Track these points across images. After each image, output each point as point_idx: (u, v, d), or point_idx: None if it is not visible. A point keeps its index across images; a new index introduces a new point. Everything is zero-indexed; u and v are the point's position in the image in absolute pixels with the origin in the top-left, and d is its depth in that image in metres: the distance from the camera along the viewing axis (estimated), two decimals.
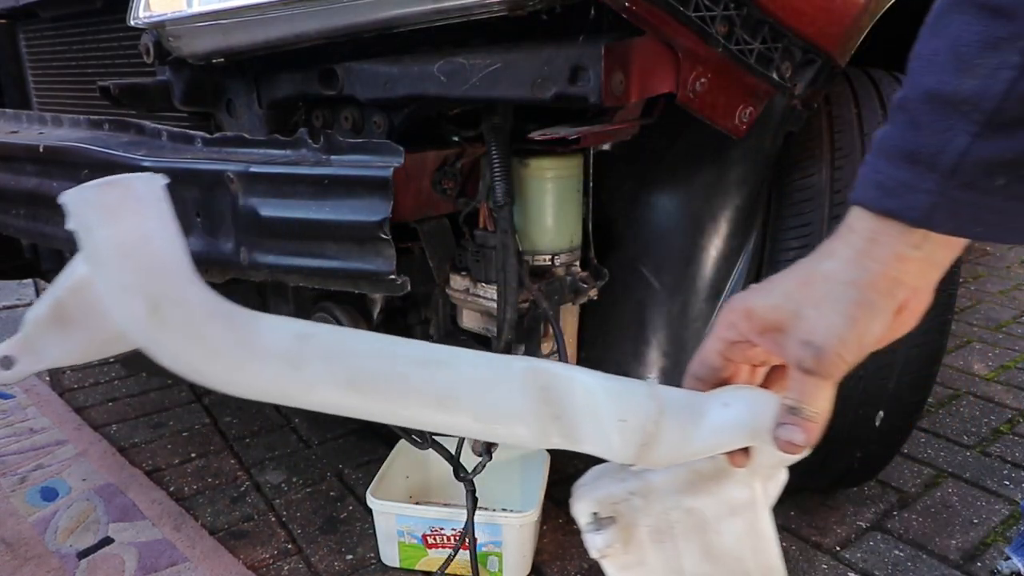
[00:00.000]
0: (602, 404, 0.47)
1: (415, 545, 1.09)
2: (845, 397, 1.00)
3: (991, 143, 0.39)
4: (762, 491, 0.53)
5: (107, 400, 1.70)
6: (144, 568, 1.10)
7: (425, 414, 0.46)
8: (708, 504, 0.53)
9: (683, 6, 0.73)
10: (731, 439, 0.49)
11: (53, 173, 1.01)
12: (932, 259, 0.44)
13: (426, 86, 0.84)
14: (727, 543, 0.53)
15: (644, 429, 0.47)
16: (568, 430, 0.47)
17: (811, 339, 0.44)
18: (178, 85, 1.05)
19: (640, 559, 0.53)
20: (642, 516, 0.53)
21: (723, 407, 0.49)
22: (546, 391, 0.47)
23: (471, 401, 0.47)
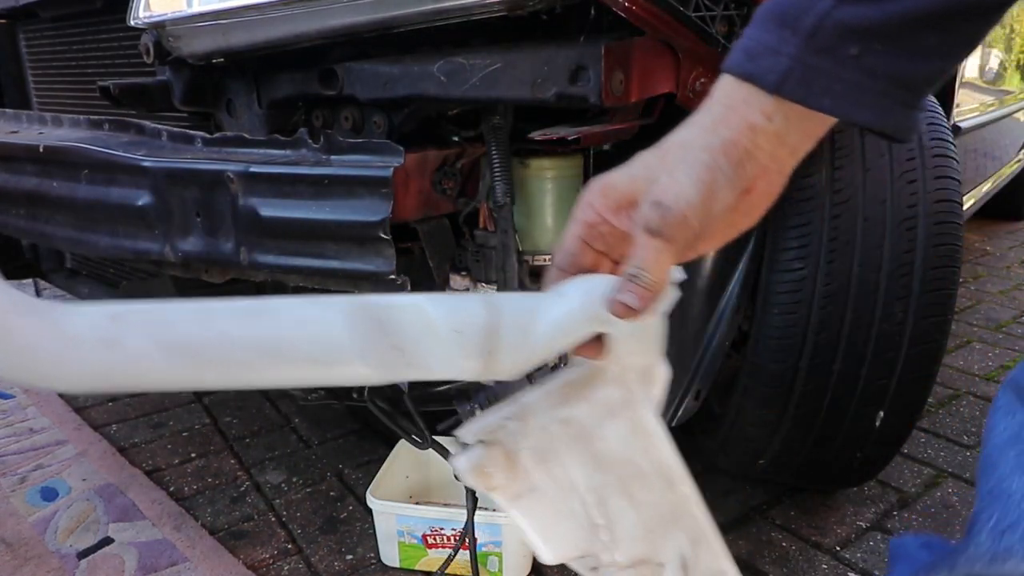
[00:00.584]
0: (437, 322, 0.46)
1: (415, 545, 1.09)
2: (845, 397, 1.00)
3: (851, 8, 0.40)
4: (639, 389, 0.51)
5: (107, 400, 1.70)
6: (144, 568, 1.10)
7: (255, 369, 0.44)
8: (583, 410, 0.50)
9: (683, 6, 0.73)
10: (573, 327, 0.47)
11: (53, 173, 1.01)
12: (784, 138, 0.44)
13: (426, 86, 0.84)
14: (613, 447, 0.51)
15: (482, 336, 0.45)
16: (411, 357, 0.46)
17: (660, 199, 0.44)
18: (178, 85, 1.05)
19: (530, 486, 0.50)
20: (521, 439, 0.50)
21: (559, 298, 0.48)
22: (380, 323, 0.45)
23: (300, 348, 0.44)
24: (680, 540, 0.52)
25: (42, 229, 1.04)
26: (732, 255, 1.00)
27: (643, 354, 0.51)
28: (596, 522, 0.51)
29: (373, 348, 0.45)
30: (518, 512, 0.50)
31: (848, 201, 0.92)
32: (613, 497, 0.51)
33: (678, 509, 0.52)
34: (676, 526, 0.52)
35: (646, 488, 0.52)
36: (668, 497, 0.52)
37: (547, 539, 0.51)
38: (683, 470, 0.53)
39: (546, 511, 0.50)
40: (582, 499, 0.50)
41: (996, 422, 0.59)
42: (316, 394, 1.21)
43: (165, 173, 0.88)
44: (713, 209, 0.44)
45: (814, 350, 0.97)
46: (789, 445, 1.07)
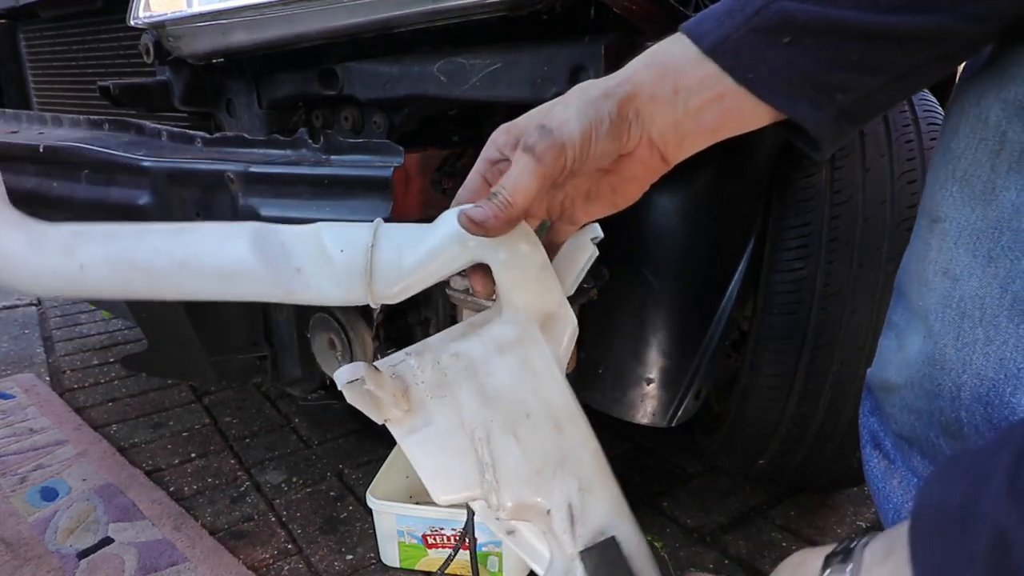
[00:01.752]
0: (327, 243, 0.50)
1: (415, 545, 1.09)
2: (844, 397, 1.00)
3: (798, 3, 0.43)
4: (534, 331, 0.52)
5: (107, 400, 1.69)
6: (144, 568, 1.10)
7: (174, 280, 0.50)
8: (474, 345, 0.52)
9: (683, 6, 0.73)
10: (445, 252, 0.50)
11: (53, 173, 1.01)
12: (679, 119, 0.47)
13: (426, 86, 0.84)
14: (502, 383, 0.51)
15: (362, 255, 0.49)
16: (308, 279, 0.50)
17: (544, 123, 0.46)
18: (178, 85, 1.05)
19: (425, 420, 0.51)
20: (418, 373, 0.52)
21: (436, 225, 0.50)
22: (284, 246, 0.50)
23: (213, 262, 0.50)
24: (569, 486, 0.51)
25: None
26: (732, 255, 1.00)
27: (538, 296, 0.52)
28: (483, 460, 0.50)
29: (276, 268, 0.50)
30: (412, 447, 0.51)
31: (848, 201, 0.92)
32: (499, 435, 0.51)
33: (567, 454, 0.51)
34: (564, 471, 0.51)
35: (533, 428, 0.51)
36: (556, 440, 0.51)
37: (437, 476, 0.51)
38: (578, 414, 0.52)
39: (439, 447, 0.51)
40: (471, 435, 0.51)
41: (868, 455, 0.61)
42: (316, 394, 1.21)
43: (165, 173, 0.88)
44: (589, 151, 0.46)
45: (814, 350, 0.97)
46: (789, 445, 1.07)
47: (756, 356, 1.00)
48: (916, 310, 0.52)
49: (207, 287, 0.50)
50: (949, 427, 0.49)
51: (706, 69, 0.46)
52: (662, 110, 0.47)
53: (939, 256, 0.49)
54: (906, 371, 0.52)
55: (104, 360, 1.93)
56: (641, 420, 1.01)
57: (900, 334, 0.54)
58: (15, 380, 1.77)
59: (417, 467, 0.51)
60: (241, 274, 0.50)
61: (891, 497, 0.57)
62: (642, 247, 1.01)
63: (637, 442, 1.47)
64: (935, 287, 0.49)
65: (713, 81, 0.46)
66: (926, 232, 0.51)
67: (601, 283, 1.01)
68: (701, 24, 0.46)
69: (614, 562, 0.49)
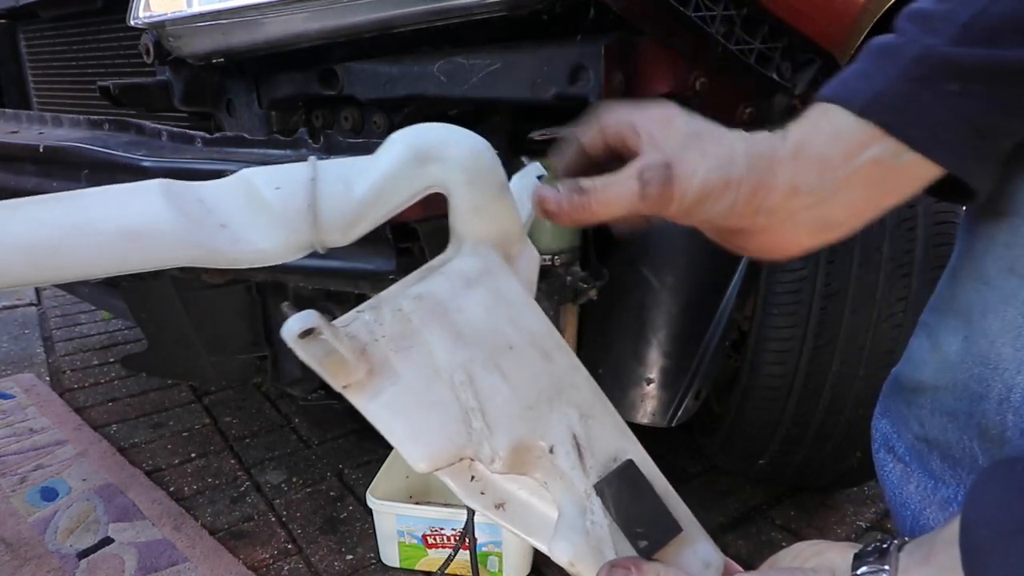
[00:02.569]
0: (258, 186, 0.42)
1: (415, 545, 1.09)
2: (844, 397, 1.00)
3: (956, 48, 0.39)
4: (499, 260, 0.47)
5: (107, 400, 1.69)
6: (144, 568, 1.10)
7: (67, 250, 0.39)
8: (438, 283, 0.46)
9: (683, 6, 0.73)
10: (398, 174, 0.44)
11: (53, 173, 1.01)
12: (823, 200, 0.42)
13: (426, 86, 0.84)
14: (474, 318, 0.45)
15: (303, 190, 0.42)
16: (237, 232, 0.42)
17: (674, 165, 0.42)
18: (178, 85, 1.05)
19: (392, 378, 0.44)
20: (376, 328, 0.44)
21: (384, 150, 0.44)
22: (202, 201, 0.42)
23: (116, 223, 0.40)
24: (568, 415, 0.45)
25: None
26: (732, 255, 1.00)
27: (499, 222, 0.47)
28: (468, 405, 0.44)
29: (196, 225, 0.41)
30: (380, 412, 0.44)
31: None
32: (482, 373, 0.44)
33: (560, 382, 0.46)
34: (560, 400, 0.45)
35: (519, 361, 0.45)
36: (547, 368, 0.46)
37: (417, 439, 0.43)
38: (561, 342, 0.47)
39: (412, 405, 0.44)
40: (450, 381, 0.44)
41: (882, 460, 0.59)
42: (316, 394, 1.21)
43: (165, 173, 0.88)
44: (699, 212, 0.43)
45: (814, 350, 0.97)
46: (789, 445, 1.07)
47: (756, 356, 1.00)
48: (957, 309, 0.49)
49: (111, 254, 0.40)
50: (989, 431, 0.47)
51: (859, 134, 0.41)
52: (804, 203, 0.42)
53: (1007, 252, 0.45)
54: (947, 372, 0.49)
55: (104, 360, 1.93)
56: (641, 420, 1.01)
57: (932, 333, 0.51)
58: (15, 380, 1.77)
59: (388, 434, 0.44)
60: (153, 234, 0.40)
61: (909, 503, 0.55)
62: (642, 247, 1.01)
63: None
64: (997, 284, 0.46)
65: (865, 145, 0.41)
66: (990, 226, 0.47)
67: (601, 283, 1.01)
68: (846, 85, 0.42)
69: (636, 484, 0.44)
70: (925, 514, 0.54)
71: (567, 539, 0.44)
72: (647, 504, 0.44)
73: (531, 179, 0.52)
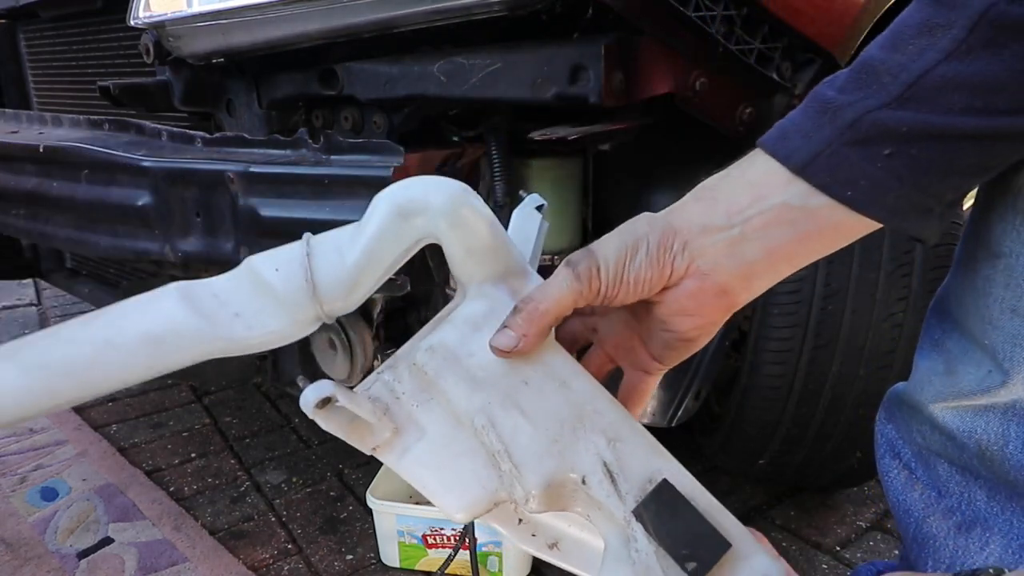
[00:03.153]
0: (260, 270, 0.45)
1: (415, 545, 1.09)
2: (844, 397, 1.00)
3: (893, 112, 0.39)
4: (504, 298, 0.47)
5: (107, 400, 1.70)
6: (144, 568, 1.10)
7: (101, 364, 0.43)
8: (446, 333, 0.47)
9: (683, 6, 0.73)
10: (386, 234, 0.45)
11: (53, 173, 1.01)
12: (736, 241, 0.44)
13: (426, 86, 0.84)
14: (487, 360, 0.46)
15: (300, 268, 0.44)
16: (250, 319, 0.45)
17: (592, 247, 0.45)
18: (178, 85, 1.05)
19: (418, 433, 0.45)
20: (396, 386, 0.46)
21: (369, 215, 0.46)
22: (217, 296, 0.45)
23: (141, 331, 0.44)
24: (595, 442, 0.44)
25: (42, 229, 1.04)
26: None
27: (495, 258, 0.47)
28: (493, 449, 0.44)
29: (213, 320, 0.45)
30: (412, 468, 0.45)
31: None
32: (501, 415, 0.45)
33: (581, 409, 0.45)
34: (585, 428, 0.45)
35: (536, 395, 0.45)
36: (566, 398, 0.46)
37: (451, 490, 0.44)
38: (577, 368, 0.47)
39: (440, 457, 0.45)
40: (472, 428, 0.45)
41: (886, 466, 0.59)
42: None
43: (165, 173, 0.88)
44: (626, 275, 0.44)
45: (814, 350, 0.97)
46: (789, 445, 1.07)
47: (756, 356, 1.00)
48: (981, 345, 0.49)
49: (141, 361, 0.44)
50: (987, 448, 0.48)
51: (794, 188, 0.42)
52: (714, 240, 0.44)
53: (1006, 293, 0.46)
54: (952, 398, 0.50)
55: None
56: (641, 420, 1.01)
57: (952, 360, 0.51)
58: None
59: (423, 489, 0.45)
60: (177, 334, 0.44)
61: (912, 511, 0.56)
62: None
63: None
64: (1003, 325, 0.47)
65: (805, 196, 0.42)
66: (987, 268, 0.48)
67: None
68: (786, 139, 0.42)
69: (675, 504, 0.42)
70: (928, 522, 0.54)
71: (614, 573, 0.43)
72: (690, 523, 0.42)
73: (531, 210, 0.53)
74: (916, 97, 0.39)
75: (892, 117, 0.39)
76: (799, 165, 0.41)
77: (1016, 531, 0.49)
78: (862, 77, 0.41)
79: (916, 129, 0.39)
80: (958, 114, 0.39)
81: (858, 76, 0.41)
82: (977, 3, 0.37)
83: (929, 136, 0.39)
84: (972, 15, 0.37)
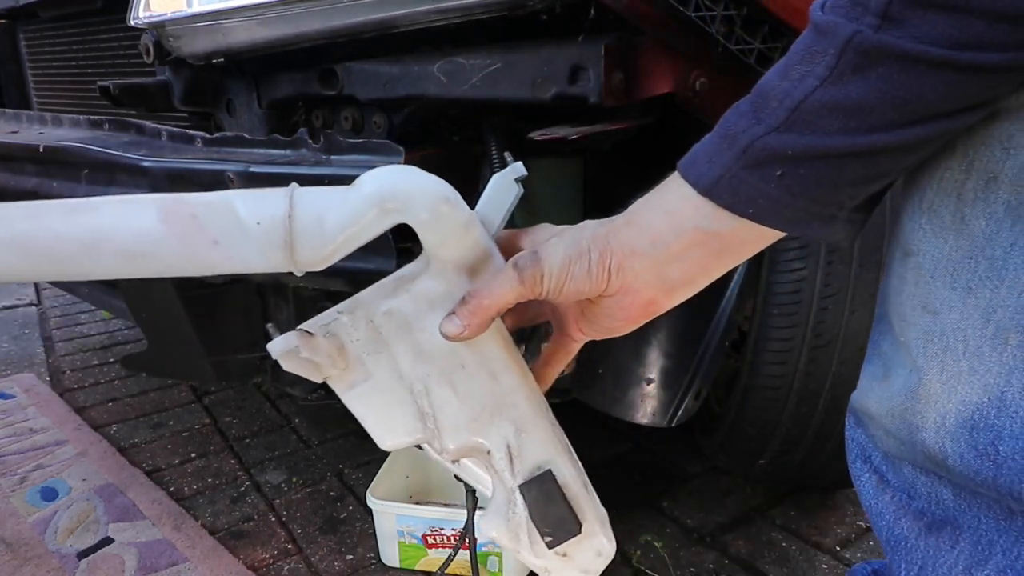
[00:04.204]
0: (242, 216, 0.48)
1: (415, 545, 1.09)
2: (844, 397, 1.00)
3: (779, 136, 0.43)
4: (461, 284, 0.52)
5: (107, 400, 1.70)
6: (144, 568, 1.10)
7: (80, 261, 0.48)
8: (405, 302, 0.53)
9: (683, 6, 0.73)
10: (365, 214, 0.49)
11: (53, 173, 1.01)
12: (659, 263, 0.49)
13: (426, 86, 0.84)
14: (434, 339, 0.52)
15: (280, 228, 0.48)
16: (227, 250, 0.49)
17: (539, 251, 0.50)
18: (178, 85, 1.06)
19: (364, 375, 0.53)
20: (352, 332, 0.53)
21: (355, 189, 0.50)
22: (196, 218, 0.48)
23: (119, 240, 0.48)
24: (505, 429, 0.55)
25: None
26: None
27: (464, 250, 0.52)
28: (424, 410, 0.54)
29: (191, 242, 0.48)
30: (354, 401, 0.53)
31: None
32: (436, 387, 0.53)
33: (502, 400, 0.54)
34: (500, 416, 0.54)
35: (468, 379, 0.54)
36: (491, 388, 0.54)
37: (382, 426, 0.54)
38: (511, 362, 0.54)
39: (379, 399, 0.53)
40: (411, 387, 0.53)
41: (858, 471, 0.61)
42: (316, 394, 1.21)
43: (165, 173, 0.88)
44: (564, 285, 0.50)
45: (813, 350, 0.97)
46: (789, 445, 1.07)
47: (756, 356, 1.00)
48: (901, 343, 0.51)
49: (119, 267, 0.49)
50: (933, 457, 0.49)
51: (703, 209, 0.47)
52: (643, 263, 0.49)
53: (916, 290, 0.49)
54: (888, 402, 0.52)
55: (104, 360, 1.93)
56: (641, 420, 1.01)
57: (888, 363, 0.53)
58: (15, 380, 1.77)
59: (361, 418, 0.54)
60: (154, 253, 0.48)
61: (884, 514, 0.57)
62: None
63: (637, 442, 1.47)
64: (914, 322, 0.49)
65: (713, 219, 0.47)
66: (900, 266, 0.51)
67: None
68: (695, 164, 0.47)
69: (550, 491, 0.54)
70: (900, 524, 0.55)
71: (493, 521, 0.56)
72: (556, 508, 0.54)
73: (510, 180, 0.58)
74: (799, 121, 0.43)
75: (778, 141, 0.43)
76: (705, 188, 0.46)
77: (984, 527, 0.49)
78: (757, 102, 0.44)
79: (800, 151, 0.43)
80: (836, 134, 0.42)
81: (754, 101, 0.45)
82: (844, 31, 0.41)
83: (813, 156, 0.43)
84: (839, 43, 0.41)
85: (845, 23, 0.41)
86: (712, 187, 0.46)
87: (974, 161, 0.44)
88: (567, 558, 0.56)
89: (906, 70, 0.40)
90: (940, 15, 0.38)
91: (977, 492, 0.49)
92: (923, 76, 0.40)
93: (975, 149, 0.44)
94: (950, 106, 0.41)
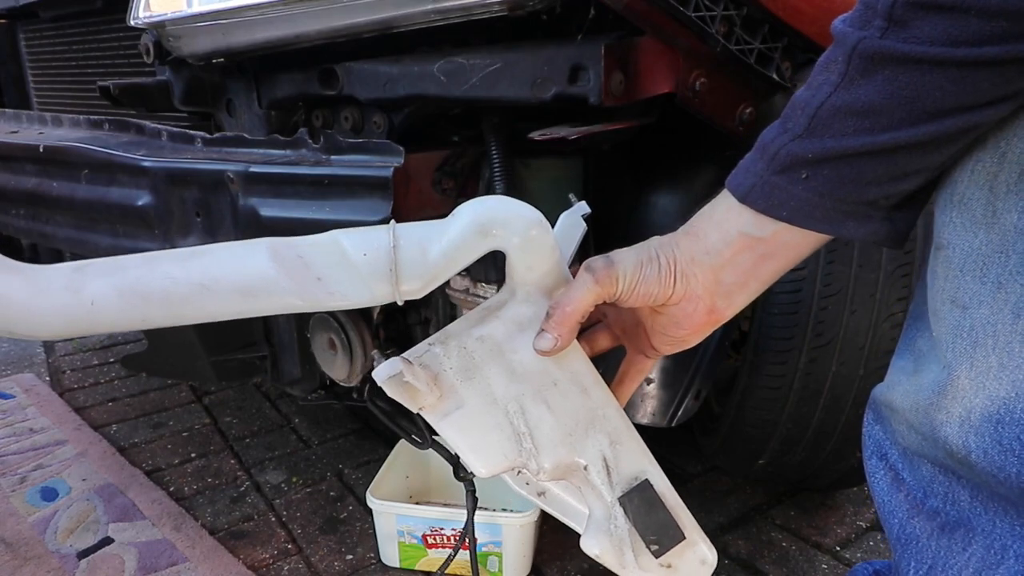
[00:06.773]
0: (348, 250, 0.52)
1: (415, 545, 1.09)
2: (844, 397, 1.00)
3: (802, 142, 0.47)
4: (547, 304, 0.56)
5: (107, 400, 1.70)
6: (144, 568, 1.10)
7: (195, 303, 0.51)
8: (496, 327, 0.56)
9: (683, 6, 0.73)
10: (465, 246, 0.53)
11: (53, 173, 1.01)
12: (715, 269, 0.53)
13: (426, 86, 0.84)
14: (526, 359, 0.55)
15: (385, 256, 0.51)
16: (331, 286, 0.52)
17: (612, 256, 0.54)
18: (178, 85, 1.06)
19: (457, 402, 0.55)
20: (445, 360, 0.55)
21: (451, 221, 0.54)
22: (302, 257, 0.52)
23: (233, 281, 0.51)
24: (600, 441, 0.56)
25: (42, 229, 1.04)
26: None
27: (548, 275, 0.56)
28: (519, 431, 0.55)
29: (297, 279, 0.52)
30: (449, 429, 0.55)
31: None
32: (531, 405, 0.55)
33: (594, 413, 0.57)
34: (594, 429, 0.56)
35: (561, 395, 0.56)
36: (584, 402, 0.56)
37: (478, 452, 0.55)
38: (597, 378, 0.57)
39: (474, 425, 0.55)
40: (505, 410, 0.55)
41: (873, 467, 0.60)
42: (316, 394, 1.21)
43: (165, 173, 0.88)
44: (638, 288, 0.54)
45: (813, 350, 0.97)
46: (789, 445, 1.07)
47: (756, 356, 1.00)
48: (935, 339, 0.51)
49: (230, 306, 0.52)
50: (955, 453, 0.48)
51: (745, 216, 0.51)
52: (701, 269, 0.53)
53: (946, 285, 0.48)
54: (914, 396, 0.51)
55: (104, 360, 1.93)
56: (641, 420, 1.01)
57: (920, 359, 0.53)
58: (15, 380, 1.77)
59: (456, 446, 0.55)
60: (265, 289, 0.51)
61: (896, 512, 0.56)
62: None
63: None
64: (944, 317, 0.49)
65: (755, 225, 0.51)
66: (932, 260, 0.51)
67: None
68: (736, 176, 0.51)
69: (651, 500, 0.56)
70: (912, 523, 0.55)
71: (595, 538, 0.56)
72: (659, 516, 0.55)
73: (577, 217, 0.63)
74: (818, 126, 0.46)
75: (801, 146, 0.47)
76: (742, 196, 0.50)
77: (998, 531, 0.49)
78: (787, 114, 0.48)
79: (820, 154, 0.46)
80: (851, 136, 0.44)
81: (785, 114, 0.48)
82: (851, 39, 0.43)
83: (833, 157, 0.46)
84: (847, 50, 0.44)
85: (853, 31, 0.43)
86: (747, 194, 0.50)
87: (1007, 153, 0.44)
88: (672, 569, 0.57)
89: (908, 70, 0.41)
90: (939, 15, 0.39)
91: (995, 494, 0.49)
92: (926, 74, 0.41)
93: (1008, 141, 0.44)
94: (962, 101, 0.42)
